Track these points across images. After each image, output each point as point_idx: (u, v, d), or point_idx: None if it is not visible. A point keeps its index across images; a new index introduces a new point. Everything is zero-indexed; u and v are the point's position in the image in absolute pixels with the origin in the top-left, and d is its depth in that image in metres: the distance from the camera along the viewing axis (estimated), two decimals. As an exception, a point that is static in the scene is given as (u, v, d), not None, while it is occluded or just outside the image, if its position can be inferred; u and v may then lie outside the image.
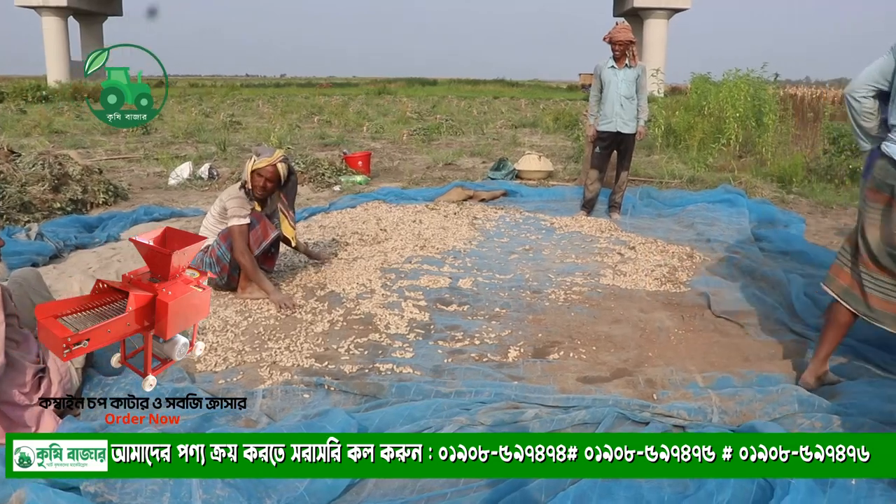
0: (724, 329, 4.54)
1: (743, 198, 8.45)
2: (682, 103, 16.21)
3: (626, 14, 50.99)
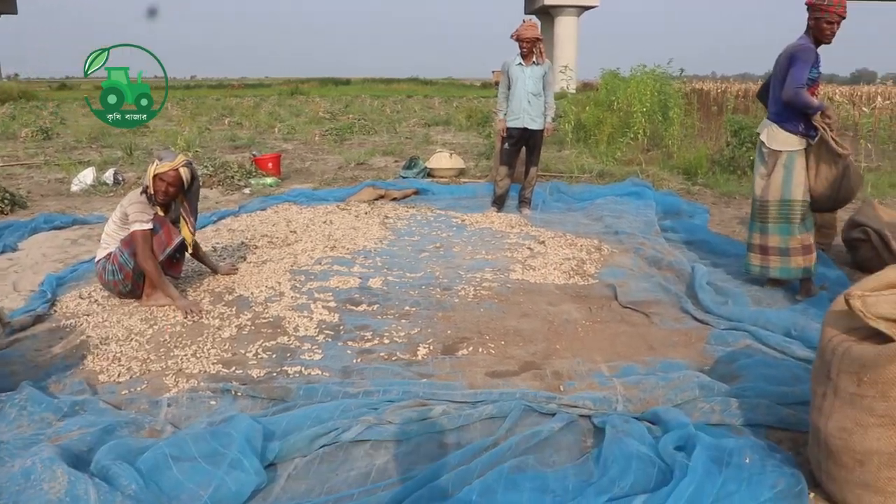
0: (631, 319, 4.64)
1: (650, 190, 8.65)
2: (592, 99, 16.51)
3: (537, 12, 51.68)
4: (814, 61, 4.77)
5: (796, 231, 4.95)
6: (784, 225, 4.98)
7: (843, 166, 4.74)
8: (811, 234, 5.02)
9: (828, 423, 2.67)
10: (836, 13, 4.66)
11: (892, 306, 2.52)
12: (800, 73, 4.71)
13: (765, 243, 5.09)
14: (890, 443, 2.51)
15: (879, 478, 2.55)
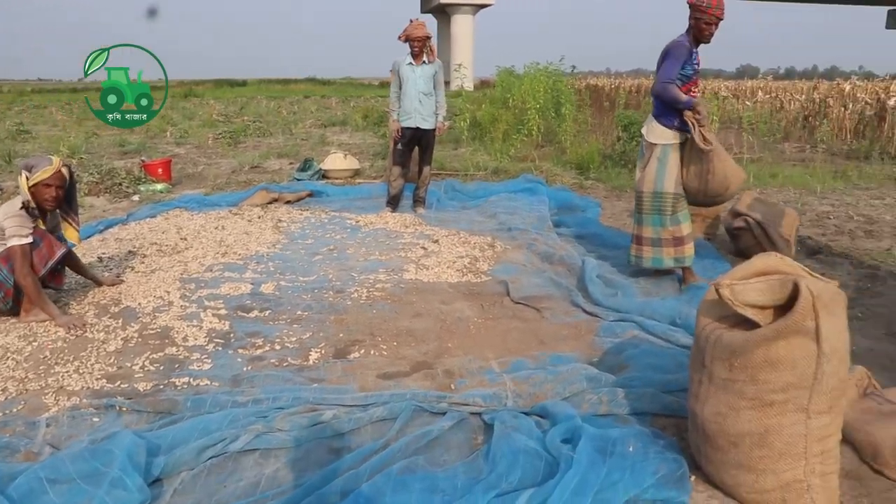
0: (522, 315, 4.71)
1: (543, 186, 8.80)
2: (488, 97, 16.67)
3: (433, 10, 51.94)
4: (687, 58, 4.93)
5: (668, 223, 5.12)
6: (656, 216, 5.15)
7: (707, 161, 4.90)
8: (683, 227, 5.16)
9: (704, 408, 2.77)
10: (714, 15, 4.82)
11: (758, 294, 2.63)
12: (670, 68, 4.89)
13: (640, 234, 5.27)
14: (760, 424, 2.63)
15: (751, 457, 2.67)
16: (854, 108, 17.63)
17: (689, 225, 5.22)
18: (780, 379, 2.58)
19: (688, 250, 5.20)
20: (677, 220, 5.13)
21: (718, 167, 4.92)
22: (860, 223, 8.05)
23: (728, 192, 5.11)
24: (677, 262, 5.22)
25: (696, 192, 5.07)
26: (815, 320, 2.53)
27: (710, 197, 5.14)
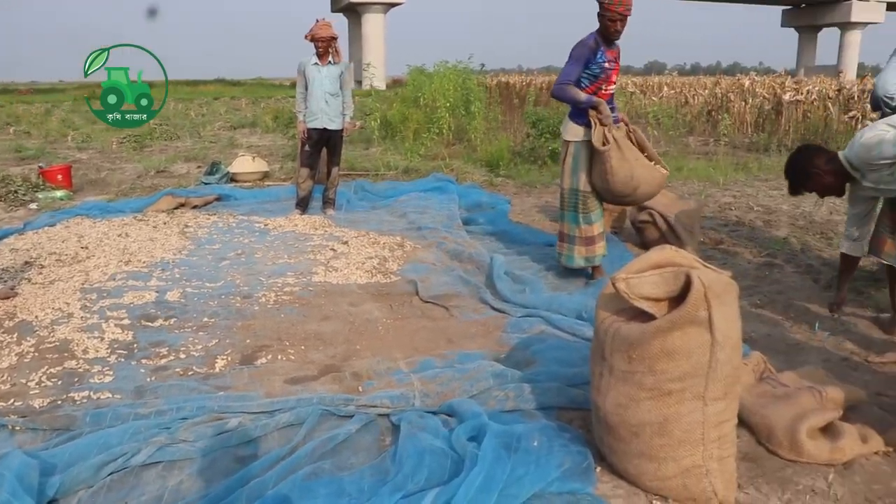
0: (431, 314, 4.73)
1: (453, 184, 8.85)
2: (399, 96, 16.66)
3: (344, 9, 51.63)
4: (591, 57, 4.97)
5: (581, 221, 5.19)
6: (573, 213, 5.22)
7: (605, 161, 4.92)
8: (595, 226, 5.21)
9: (605, 400, 2.83)
10: (617, 11, 4.85)
11: (653, 286, 2.70)
12: (568, 69, 4.97)
13: (560, 230, 5.35)
14: (659, 413, 2.70)
15: (652, 446, 2.73)
16: (753, 102, 18.24)
17: (601, 224, 5.28)
18: (677, 368, 2.65)
19: (598, 249, 5.26)
20: (590, 219, 5.18)
21: (618, 167, 4.90)
22: (760, 213, 8.34)
23: (638, 194, 5.10)
24: (587, 262, 5.28)
25: (602, 191, 5.10)
26: (707, 310, 2.60)
27: (617, 197, 5.15)
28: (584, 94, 5.00)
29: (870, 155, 4.05)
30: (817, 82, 19.54)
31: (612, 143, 4.88)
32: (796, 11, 62.03)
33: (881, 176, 4.09)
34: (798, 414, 3.20)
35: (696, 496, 2.74)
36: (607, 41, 5.04)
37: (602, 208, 5.27)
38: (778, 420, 3.19)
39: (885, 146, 3.98)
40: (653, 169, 5.07)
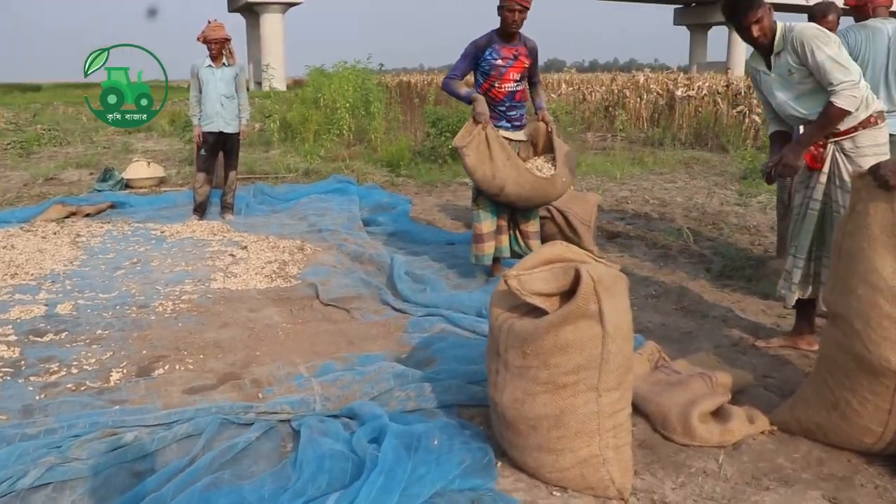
0: (332, 317, 4.72)
1: (353, 185, 8.84)
2: (300, 97, 16.50)
3: (241, 9, 50.77)
4: (480, 53, 5.03)
5: (474, 218, 5.26)
6: (472, 211, 5.30)
7: (461, 157, 4.93)
8: (482, 225, 5.18)
9: (502, 395, 2.88)
10: (516, 1, 4.87)
11: (544, 282, 2.77)
12: (456, 65, 5.09)
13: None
14: (555, 406, 2.76)
15: (550, 438, 2.80)
16: (648, 98, 18.80)
17: (492, 224, 5.22)
18: (571, 362, 2.71)
19: (486, 249, 5.21)
20: (478, 217, 5.20)
21: (476, 165, 4.88)
22: (655, 206, 8.61)
23: (507, 193, 4.99)
24: (476, 260, 5.28)
25: (495, 192, 5.03)
26: (597, 303, 2.68)
27: (493, 196, 5.07)
28: (464, 89, 5.09)
29: (820, 43, 3.71)
30: (707, 78, 20.24)
31: (474, 140, 4.85)
32: (687, 10, 64.01)
33: (789, 76, 3.88)
34: (690, 400, 3.32)
35: (594, 485, 2.81)
36: (507, 37, 5.07)
37: (494, 208, 5.21)
38: (671, 407, 3.31)
39: (842, 52, 3.76)
40: (526, 172, 4.99)
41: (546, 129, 5.30)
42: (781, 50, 3.85)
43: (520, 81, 5.19)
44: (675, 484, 2.92)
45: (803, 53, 3.73)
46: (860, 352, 2.95)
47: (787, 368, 4.04)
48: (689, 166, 12.11)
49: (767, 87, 4.01)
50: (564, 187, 5.27)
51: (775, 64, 3.89)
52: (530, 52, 5.20)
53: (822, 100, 3.76)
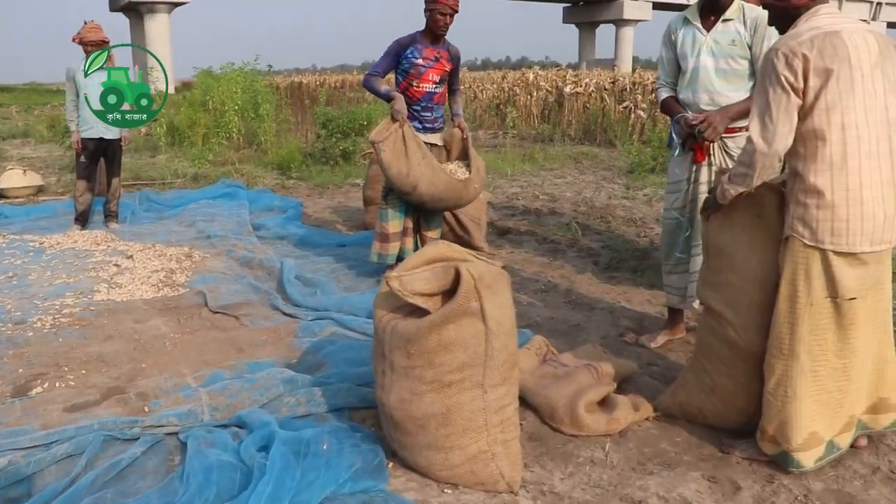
0: (221, 324, 4.63)
1: (243, 189, 8.69)
2: (188, 99, 16.09)
3: (124, 9, 49.14)
4: (402, 52, 5.06)
5: (380, 217, 5.23)
6: (379, 209, 5.29)
7: (376, 153, 4.96)
8: (389, 225, 5.17)
9: (389, 396, 2.89)
10: (448, 5, 4.93)
11: (425, 282, 2.79)
12: (378, 62, 5.13)
13: None
14: (442, 405, 2.79)
15: (438, 437, 2.83)
16: (538, 95, 19.14)
17: (400, 224, 5.21)
18: (455, 360, 2.75)
19: (391, 249, 5.21)
20: (386, 216, 5.17)
21: (391, 161, 4.88)
22: (545, 201, 8.78)
23: (420, 192, 4.97)
24: (380, 259, 5.25)
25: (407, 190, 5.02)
26: (479, 301, 2.72)
27: (405, 195, 5.05)
28: (384, 86, 5.11)
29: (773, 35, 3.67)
30: (595, 75, 20.75)
31: (391, 137, 4.86)
32: (575, 9, 65.39)
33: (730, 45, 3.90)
34: (576, 391, 3.42)
35: (484, 480, 2.86)
36: (432, 39, 5.11)
37: (404, 209, 5.20)
38: (559, 399, 3.39)
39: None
40: (441, 172, 5.00)
41: (461, 135, 5.34)
42: (733, 19, 3.91)
43: (439, 84, 5.22)
44: (564, 474, 3.00)
45: (759, 35, 3.83)
46: (731, 337, 3.11)
47: (670, 356, 4.20)
48: (578, 161, 12.40)
49: (690, 47, 4.00)
50: (476, 193, 5.30)
51: (720, 29, 3.92)
52: (452, 58, 5.25)
53: (739, 85, 3.90)
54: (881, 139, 2.72)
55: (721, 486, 2.90)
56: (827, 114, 2.68)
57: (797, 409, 2.85)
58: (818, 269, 2.75)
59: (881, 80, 2.73)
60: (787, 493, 2.85)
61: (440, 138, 5.33)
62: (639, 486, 2.90)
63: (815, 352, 2.82)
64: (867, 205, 2.69)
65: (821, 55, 2.67)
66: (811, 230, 2.73)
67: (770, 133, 2.72)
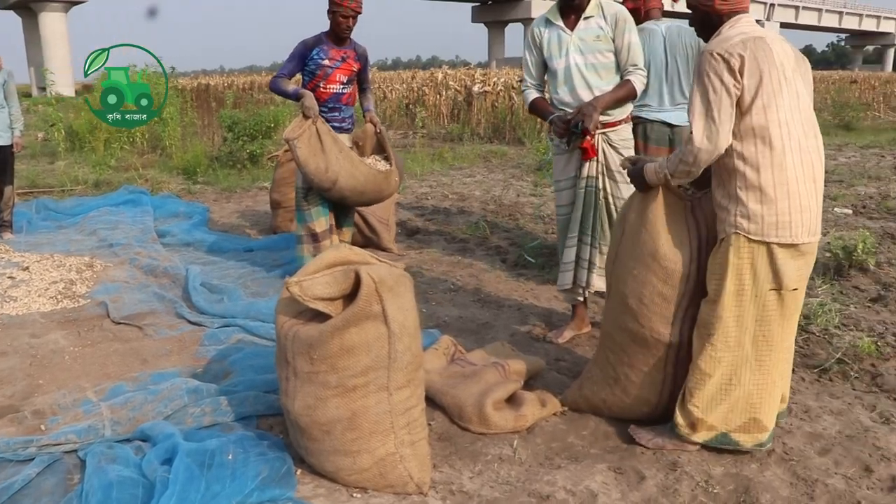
0: (124, 336, 4.51)
1: (146, 196, 8.46)
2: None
3: (15, 7, 47.39)
4: (307, 53, 4.99)
5: (304, 218, 5.10)
6: (298, 212, 5.19)
7: (292, 150, 4.86)
8: (316, 224, 5.07)
9: (294, 403, 2.87)
10: (351, 8, 4.88)
11: (325, 287, 2.78)
12: (284, 64, 5.07)
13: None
14: (347, 409, 2.79)
15: (345, 441, 2.82)
16: (447, 94, 19.24)
17: (327, 221, 5.12)
18: (359, 364, 2.75)
19: (325, 247, 5.02)
20: (311, 216, 5.05)
21: (307, 158, 4.79)
22: (454, 200, 8.83)
23: (340, 187, 4.90)
24: (301, 262, 5.13)
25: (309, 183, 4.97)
26: (380, 304, 2.72)
27: (324, 191, 4.96)
28: (291, 86, 5.04)
29: (633, 27, 4.07)
30: (503, 74, 20.96)
31: (305, 134, 4.78)
32: (484, 8, 66.09)
33: (595, 41, 4.05)
34: (484, 390, 3.45)
35: (393, 483, 2.86)
36: (337, 40, 5.06)
37: (327, 206, 5.12)
38: (467, 398, 3.42)
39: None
40: (361, 164, 4.98)
41: (374, 129, 5.28)
42: (593, 16, 4.04)
43: (346, 84, 5.16)
44: (473, 472, 3.03)
45: (620, 29, 3.98)
46: (634, 328, 3.19)
47: (577, 350, 4.28)
48: (487, 160, 12.52)
49: (557, 48, 4.11)
50: (396, 186, 5.29)
51: (582, 27, 4.04)
52: (360, 57, 5.20)
53: (609, 79, 4.02)
54: (809, 135, 2.87)
55: (626, 476, 2.97)
56: (765, 112, 2.81)
57: (743, 397, 3.00)
58: (764, 263, 2.86)
59: (801, 83, 2.90)
60: (689, 480, 2.95)
61: (349, 139, 5.26)
62: (546, 481, 2.94)
63: (760, 342, 2.95)
64: (803, 198, 2.82)
65: (754, 56, 2.80)
66: (757, 225, 2.83)
67: (714, 132, 2.81)
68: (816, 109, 17.40)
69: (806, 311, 4.66)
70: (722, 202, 2.95)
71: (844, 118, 18.45)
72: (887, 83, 28.93)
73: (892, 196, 8.66)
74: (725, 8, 2.95)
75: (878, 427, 3.36)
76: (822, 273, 5.51)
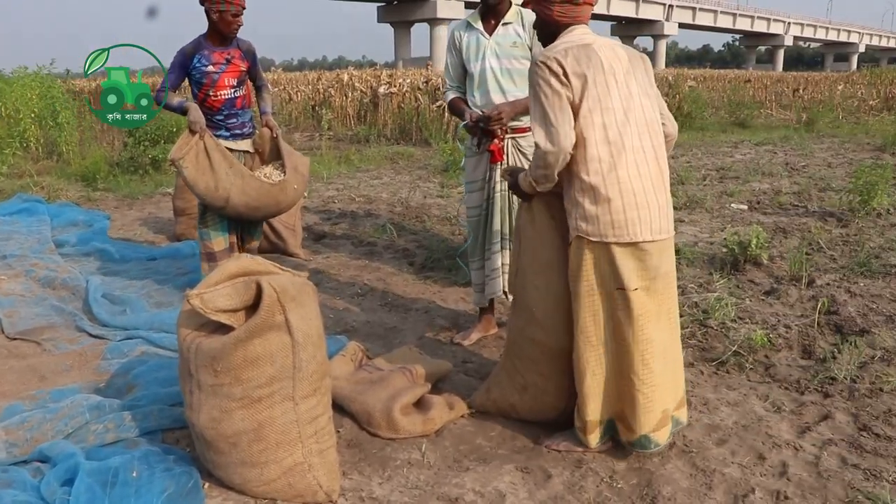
0: (20, 351, 4.36)
1: (42, 204, 8.16)
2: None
3: None
4: (189, 61, 4.72)
5: (202, 236, 4.91)
6: (199, 228, 4.97)
7: (178, 171, 4.70)
8: (214, 243, 4.85)
9: (199, 416, 2.83)
10: (241, 6, 4.62)
11: (227, 298, 2.75)
12: (168, 76, 4.77)
13: None
14: (252, 420, 2.77)
15: (252, 453, 2.80)
16: (353, 96, 19.14)
17: (226, 241, 4.89)
18: (263, 374, 2.74)
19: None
20: (208, 234, 4.84)
21: (196, 178, 4.58)
22: (361, 203, 8.81)
23: (234, 205, 4.65)
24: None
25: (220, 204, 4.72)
26: (283, 314, 2.72)
27: (218, 210, 4.74)
28: (176, 99, 4.76)
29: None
30: (408, 74, 20.97)
31: (192, 151, 4.57)
32: (390, 8, 66.05)
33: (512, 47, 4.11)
34: (391, 395, 3.47)
35: (302, 492, 2.86)
36: (218, 41, 4.76)
37: (226, 224, 4.88)
38: (375, 403, 3.44)
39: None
40: (252, 179, 4.69)
41: (271, 134, 4.99)
42: (511, 23, 4.11)
43: (238, 87, 4.86)
44: (382, 478, 3.05)
45: (536, 38, 4.01)
46: (542, 339, 3.25)
47: (484, 353, 4.34)
48: (394, 162, 12.53)
49: (475, 51, 4.17)
50: (297, 194, 4.96)
51: (501, 32, 4.12)
52: (246, 54, 4.88)
53: (524, 85, 4.01)
54: (643, 135, 2.95)
55: (533, 475, 3.04)
56: (590, 115, 2.89)
57: (614, 394, 3.08)
58: (605, 263, 2.93)
59: (635, 85, 3.00)
60: (594, 476, 3.03)
61: (251, 144, 5.03)
62: (455, 484, 2.98)
63: (619, 341, 3.00)
64: (639, 195, 2.89)
65: (576, 61, 2.90)
66: (594, 227, 2.90)
67: (554, 134, 2.87)
68: (714, 107, 17.92)
69: (704, 307, 4.84)
70: (567, 206, 3.04)
71: (740, 116, 19.13)
72: (778, 82, 30.12)
73: (783, 192, 9.03)
74: (563, 19, 3.07)
75: (770, 416, 3.52)
76: (719, 268, 5.73)
